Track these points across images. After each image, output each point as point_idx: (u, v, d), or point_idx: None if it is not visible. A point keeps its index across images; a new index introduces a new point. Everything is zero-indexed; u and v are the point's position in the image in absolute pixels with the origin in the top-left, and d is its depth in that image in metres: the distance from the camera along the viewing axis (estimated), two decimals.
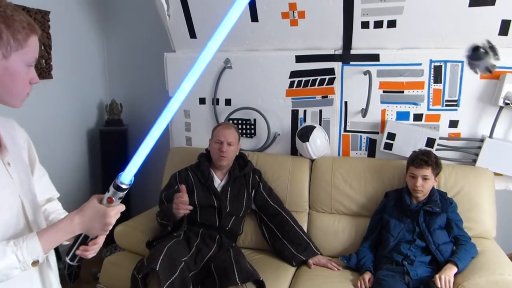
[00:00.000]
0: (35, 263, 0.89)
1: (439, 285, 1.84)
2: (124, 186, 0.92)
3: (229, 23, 0.82)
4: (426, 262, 2.02)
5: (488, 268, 1.90)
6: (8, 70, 0.91)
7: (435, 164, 2.09)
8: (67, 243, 1.01)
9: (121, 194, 0.93)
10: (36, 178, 1.11)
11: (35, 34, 0.94)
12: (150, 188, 3.08)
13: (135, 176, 0.93)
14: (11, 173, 0.97)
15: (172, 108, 0.87)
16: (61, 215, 1.14)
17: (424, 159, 2.07)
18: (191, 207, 2.01)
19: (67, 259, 1.01)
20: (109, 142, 3.09)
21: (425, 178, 2.07)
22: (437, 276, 1.87)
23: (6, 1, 0.92)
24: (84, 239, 0.99)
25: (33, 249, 0.88)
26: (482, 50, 2.07)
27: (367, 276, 2.03)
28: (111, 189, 0.92)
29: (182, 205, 1.98)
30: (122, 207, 0.96)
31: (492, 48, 2.06)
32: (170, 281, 1.78)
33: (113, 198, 0.93)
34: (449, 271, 1.88)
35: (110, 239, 2.65)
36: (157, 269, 1.78)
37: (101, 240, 1.01)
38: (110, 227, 0.95)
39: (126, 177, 0.91)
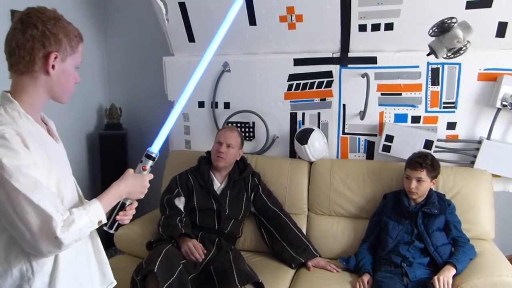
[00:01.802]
0: (99, 222, 1.09)
1: (437, 287, 1.84)
2: (153, 155, 1.17)
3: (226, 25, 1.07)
4: (425, 263, 2.02)
5: (487, 269, 1.90)
6: (64, 71, 1.10)
7: (431, 167, 2.08)
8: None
9: (152, 162, 1.18)
10: None
11: (82, 41, 1.15)
12: (149, 191, 3.05)
13: None
14: (66, 158, 1.19)
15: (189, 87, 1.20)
16: None
17: (419, 161, 2.08)
18: (203, 256, 2.04)
19: (106, 228, 1.17)
20: (109, 146, 3.09)
21: (419, 180, 2.07)
22: (435, 277, 1.87)
23: (60, 14, 1.10)
24: (121, 206, 1.18)
25: (98, 211, 1.08)
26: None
27: (366, 278, 2.03)
28: (144, 158, 1.17)
29: (195, 254, 2.03)
30: (151, 176, 1.21)
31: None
32: (168, 283, 1.79)
33: (146, 166, 1.18)
34: (448, 273, 1.89)
35: (110, 242, 2.67)
36: (155, 270, 1.79)
37: (135, 205, 1.22)
38: (146, 191, 1.19)
39: (155, 148, 1.18)
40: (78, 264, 1.14)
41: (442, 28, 1.90)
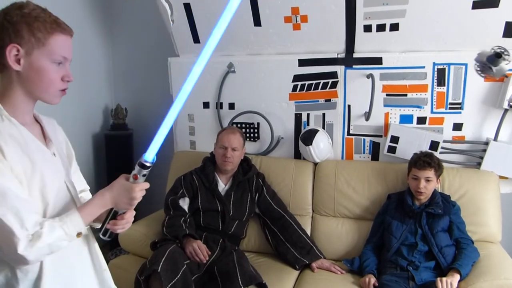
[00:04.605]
0: (79, 234, 1.02)
1: (439, 287, 1.82)
2: (147, 164, 1.04)
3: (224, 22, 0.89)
4: (431, 267, 2.00)
5: (493, 272, 1.88)
6: (32, 66, 1.00)
7: (438, 166, 2.08)
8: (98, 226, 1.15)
9: (145, 171, 1.05)
10: (72, 171, 1.24)
11: (59, 33, 1.02)
12: (154, 191, 3.05)
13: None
14: (56, 162, 1.11)
15: (184, 91, 0.99)
16: None
17: (427, 161, 2.07)
18: (207, 257, 2.03)
19: (100, 234, 1.14)
20: (114, 146, 3.10)
21: (428, 180, 2.06)
22: (438, 278, 1.86)
23: (33, 4, 1.01)
24: (113, 215, 1.11)
25: (76, 223, 1.01)
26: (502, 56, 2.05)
27: (371, 278, 2.01)
28: (136, 167, 1.04)
29: (200, 255, 2.01)
30: (147, 185, 1.08)
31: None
32: (172, 283, 1.79)
33: (138, 175, 1.05)
34: (453, 278, 1.86)
35: (115, 242, 2.68)
36: (158, 270, 1.79)
37: (128, 216, 1.12)
38: (135, 202, 1.08)
39: (149, 155, 1.03)
40: (68, 271, 1.09)
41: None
